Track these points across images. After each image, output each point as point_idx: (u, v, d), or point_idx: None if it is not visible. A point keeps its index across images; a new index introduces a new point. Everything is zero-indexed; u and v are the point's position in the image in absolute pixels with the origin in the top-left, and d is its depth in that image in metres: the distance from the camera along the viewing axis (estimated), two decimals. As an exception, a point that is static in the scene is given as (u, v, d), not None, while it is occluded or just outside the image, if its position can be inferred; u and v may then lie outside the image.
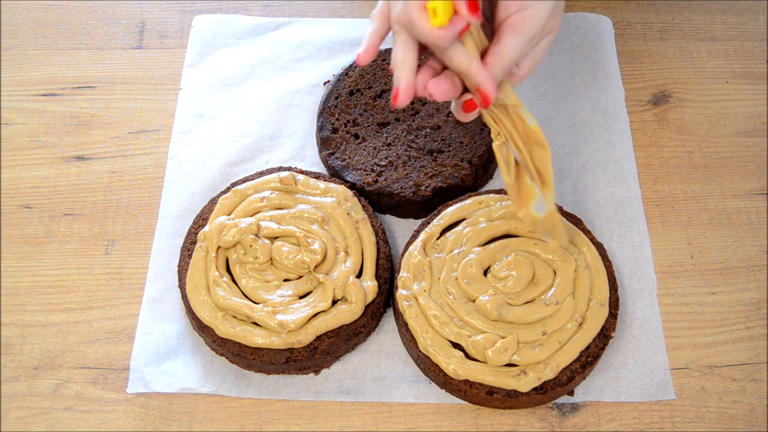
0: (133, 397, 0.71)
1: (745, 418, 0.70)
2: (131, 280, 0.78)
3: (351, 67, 0.86)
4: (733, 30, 0.94)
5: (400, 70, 0.58)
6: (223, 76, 0.90)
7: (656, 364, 0.72)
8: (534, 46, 0.61)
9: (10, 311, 0.76)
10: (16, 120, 0.87)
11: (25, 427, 0.70)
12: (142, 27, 0.94)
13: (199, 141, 0.86)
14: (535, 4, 0.58)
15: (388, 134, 0.81)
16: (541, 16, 0.58)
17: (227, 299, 0.70)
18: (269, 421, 0.70)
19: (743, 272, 0.78)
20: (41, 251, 0.79)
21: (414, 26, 0.52)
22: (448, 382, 0.69)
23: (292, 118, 0.87)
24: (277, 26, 0.94)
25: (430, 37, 0.52)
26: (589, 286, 0.71)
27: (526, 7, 0.58)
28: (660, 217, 0.81)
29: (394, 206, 0.79)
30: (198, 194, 0.82)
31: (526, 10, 0.58)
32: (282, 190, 0.76)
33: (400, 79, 0.58)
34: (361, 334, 0.71)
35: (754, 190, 0.83)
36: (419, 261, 0.72)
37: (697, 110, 0.88)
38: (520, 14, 0.58)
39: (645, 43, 0.93)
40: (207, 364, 0.73)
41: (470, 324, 0.69)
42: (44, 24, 0.95)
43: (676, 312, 0.75)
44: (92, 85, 0.90)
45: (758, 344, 0.74)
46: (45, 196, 0.82)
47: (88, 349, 0.74)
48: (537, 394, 0.67)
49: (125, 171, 0.84)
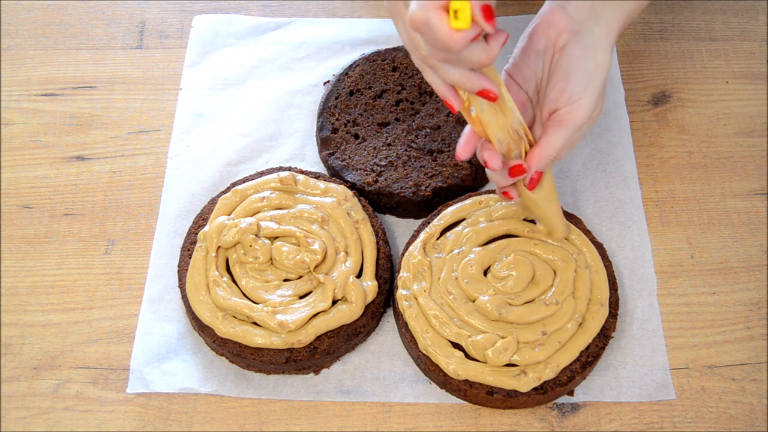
0: (133, 397, 0.71)
1: (745, 418, 0.70)
2: (131, 280, 0.78)
3: (351, 67, 0.86)
4: (733, 30, 0.94)
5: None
6: (223, 76, 0.90)
7: (656, 364, 0.72)
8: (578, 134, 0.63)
9: (10, 311, 0.76)
10: (16, 120, 0.87)
11: (25, 427, 0.70)
12: (142, 27, 0.94)
13: (199, 141, 0.86)
14: (582, 99, 0.61)
15: (388, 134, 0.81)
16: (587, 110, 0.61)
17: (227, 299, 0.70)
18: (269, 421, 0.70)
19: (743, 272, 0.77)
20: (41, 251, 0.79)
21: (431, 28, 0.49)
22: (448, 382, 0.69)
23: (292, 118, 0.87)
24: (277, 26, 0.94)
25: (446, 39, 0.49)
26: (589, 286, 0.71)
27: (573, 101, 0.61)
28: (660, 217, 0.81)
29: (394, 206, 0.79)
30: (198, 194, 0.82)
31: (574, 104, 0.61)
32: (282, 190, 0.76)
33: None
34: (361, 334, 0.71)
35: (754, 190, 0.83)
36: (419, 261, 0.72)
37: (697, 110, 0.88)
38: (568, 108, 0.61)
39: (645, 43, 0.93)
40: (207, 364, 0.73)
41: (470, 324, 0.69)
42: (44, 24, 0.95)
43: (676, 312, 0.75)
44: (92, 85, 0.90)
45: (758, 344, 0.74)
46: (45, 196, 0.82)
47: (88, 349, 0.74)
48: (537, 394, 0.67)
49: (125, 171, 0.84)
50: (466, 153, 0.63)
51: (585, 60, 0.60)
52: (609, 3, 0.62)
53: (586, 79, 0.60)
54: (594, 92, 0.61)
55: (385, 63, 0.86)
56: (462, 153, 0.63)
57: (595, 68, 0.61)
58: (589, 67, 0.60)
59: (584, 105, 0.61)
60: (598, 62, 0.61)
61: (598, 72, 0.61)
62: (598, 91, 0.61)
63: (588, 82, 0.61)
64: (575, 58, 0.60)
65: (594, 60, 0.60)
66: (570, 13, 0.61)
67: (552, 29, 0.61)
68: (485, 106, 0.58)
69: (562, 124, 0.61)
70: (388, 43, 0.91)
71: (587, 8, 0.61)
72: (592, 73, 0.61)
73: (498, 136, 0.60)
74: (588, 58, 0.60)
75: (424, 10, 0.48)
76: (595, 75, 0.61)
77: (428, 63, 0.55)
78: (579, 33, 0.61)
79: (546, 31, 0.62)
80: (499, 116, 0.59)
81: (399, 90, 0.84)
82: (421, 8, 0.48)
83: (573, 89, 0.60)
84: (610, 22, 0.62)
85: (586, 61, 0.60)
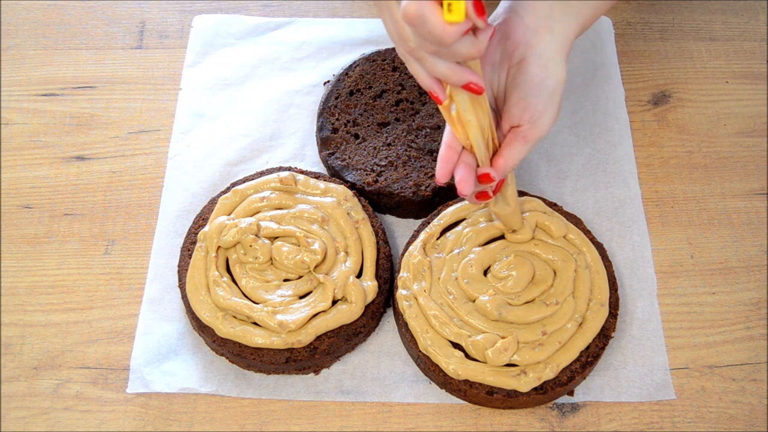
0: (133, 397, 0.71)
1: (745, 418, 0.70)
2: (131, 280, 0.78)
3: (351, 67, 0.86)
4: (733, 30, 0.94)
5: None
6: (223, 76, 0.90)
7: (656, 364, 0.72)
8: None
9: (10, 311, 0.76)
10: (16, 120, 0.87)
11: (25, 427, 0.70)
12: (142, 27, 0.94)
13: (199, 141, 0.86)
14: (544, 116, 0.61)
15: (388, 134, 0.81)
16: (549, 125, 0.63)
17: (227, 299, 0.70)
18: (269, 421, 0.70)
19: (743, 272, 0.78)
20: (41, 251, 0.79)
21: (425, 20, 0.49)
22: (448, 382, 0.69)
23: (292, 118, 0.87)
24: (277, 26, 0.94)
25: (439, 32, 0.49)
26: (589, 286, 0.71)
27: (536, 119, 0.61)
28: (660, 217, 0.81)
29: (394, 206, 0.79)
30: (198, 194, 0.82)
31: (536, 122, 0.62)
32: (282, 190, 0.76)
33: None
34: (361, 334, 0.71)
35: (754, 190, 0.83)
36: (419, 261, 0.72)
37: (697, 110, 0.88)
38: (531, 125, 0.62)
39: (645, 43, 0.93)
40: (207, 364, 0.73)
41: (470, 324, 0.69)
42: (44, 24, 0.95)
43: (676, 312, 0.75)
44: (92, 85, 0.90)
45: (758, 344, 0.74)
46: (45, 196, 0.82)
47: (88, 349, 0.74)
48: (537, 394, 0.67)
49: (125, 171, 0.84)
50: (444, 176, 0.63)
51: (545, 78, 0.60)
52: (567, 8, 0.61)
53: (546, 96, 0.61)
54: (555, 108, 0.62)
55: (385, 63, 0.86)
56: (441, 177, 0.63)
57: (555, 85, 0.61)
58: (549, 85, 0.61)
59: (546, 121, 0.62)
60: (557, 79, 0.61)
61: (557, 88, 0.61)
62: (558, 105, 0.62)
63: (549, 99, 0.61)
64: (535, 76, 0.60)
65: (554, 77, 0.61)
66: (526, 22, 0.60)
67: (508, 41, 0.61)
68: (467, 104, 0.58)
69: (527, 140, 0.62)
70: (388, 43, 0.91)
71: (544, 15, 0.61)
72: (553, 90, 0.61)
73: (477, 138, 0.60)
74: (547, 75, 0.60)
75: (418, 2, 0.49)
76: (555, 91, 0.61)
77: (415, 55, 0.55)
78: (536, 46, 0.60)
79: (501, 43, 0.61)
80: (479, 114, 0.59)
81: (399, 90, 0.84)
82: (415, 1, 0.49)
83: (535, 108, 0.61)
84: (566, 32, 0.61)
85: (546, 78, 0.60)
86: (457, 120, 0.59)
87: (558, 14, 0.61)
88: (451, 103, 0.58)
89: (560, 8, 0.61)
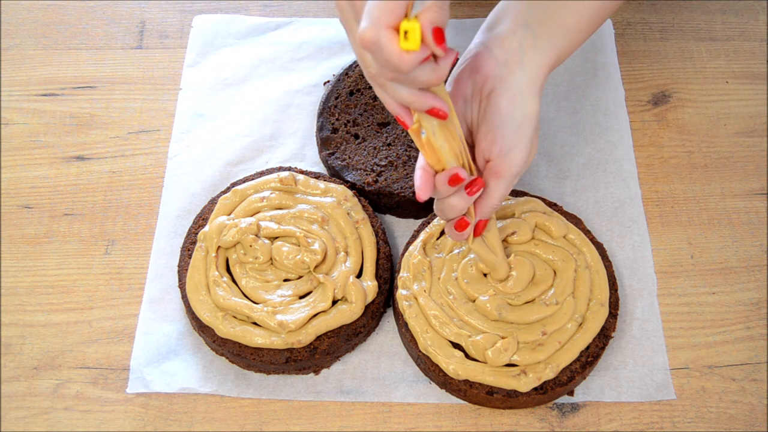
0: (133, 397, 0.71)
1: (745, 418, 0.70)
2: (131, 280, 0.78)
3: (351, 67, 0.86)
4: (733, 30, 0.94)
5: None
6: (223, 76, 0.90)
7: (656, 364, 0.72)
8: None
9: (10, 311, 0.76)
10: (16, 120, 0.87)
11: (25, 427, 0.70)
12: (142, 27, 0.94)
13: (199, 141, 0.86)
14: (513, 150, 0.59)
15: (388, 134, 0.81)
16: (519, 160, 0.60)
17: (227, 299, 0.70)
18: (269, 421, 0.70)
19: (743, 272, 0.78)
20: (41, 251, 0.79)
21: (381, 47, 0.47)
22: (448, 382, 0.69)
23: (292, 118, 0.87)
24: (277, 26, 0.94)
25: (396, 60, 0.47)
26: (589, 286, 0.71)
27: (505, 153, 0.59)
28: (660, 217, 0.81)
29: (394, 206, 0.79)
30: (198, 194, 0.82)
31: (506, 155, 0.59)
32: (282, 190, 0.76)
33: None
34: (361, 334, 0.71)
35: (754, 190, 0.83)
36: (419, 261, 0.72)
37: (697, 110, 0.88)
38: (501, 160, 0.59)
39: (645, 43, 0.93)
40: (207, 364, 0.73)
41: (470, 324, 0.69)
42: (44, 24, 0.95)
43: (676, 312, 0.75)
44: (92, 85, 0.90)
45: (758, 344, 0.74)
46: (45, 196, 0.82)
47: (88, 349, 0.74)
48: (537, 394, 0.67)
49: (125, 171, 0.84)
50: (426, 193, 0.59)
51: (513, 110, 0.58)
52: (539, 42, 0.59)
53: (514, 130, 0.59)
54: (525, 142, 0.60)
55: (385, 63, 0.86)
56: (422, 194, 0.59)
57: (523, 118, 0.59)
58: (517, 118, 0.59)
59: (516, 156, 0.60)
60: (526, 112, 0.59)
61: (526, 121, 0.59)
62: (529, 140, 0.60)
63: (517, 132, 0.59)
64: (503, 108, 0.58)
65: (522, 110, 0.59)
66: (496, 56, 0.59)
67: (478, 75, 0.59)
68: (436, 129, 0.55)
69: (499, 176, 0.60)
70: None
71: (515, 49, 0.59)
72: (521, 123, 0.59)
73: (451, 164, 0.58)
74: (516, 107, 0.58)
75: (374, 29, 0.46)
76: (524, 125, 0.59)
77: (377, 81, 0.53)
78: (505, 80, 0.58)
79: (472, 77, 0.60)
80: (450, 140, 0.57)
81: (399, 90, 0.84)
82: (372, 27, 0.46)
83: (503, 141, 0.59)
84: (538, 66, 0.59)
85: (514, 111, 0.58)
86: (428, 145, 0.57)
87: (529, 48, 0.59)
88: (420, 128, 0.56)
89: (531, 42, 0.59)
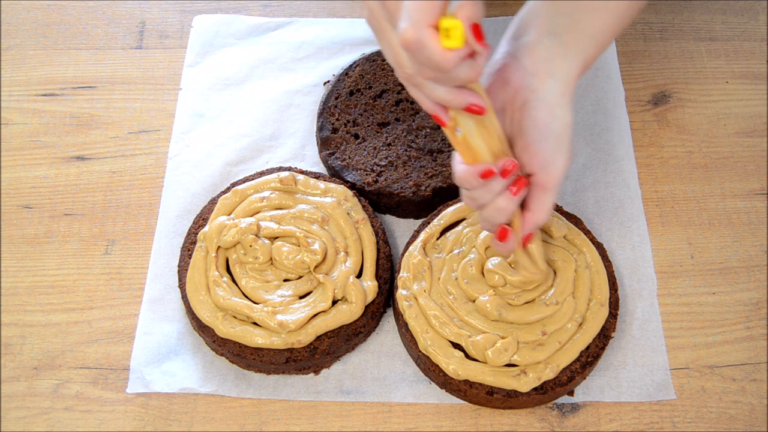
0: (133, 397, 0.71)
1: (745, 418, 0.70)
2: (131, 280, 0.78)
3: (351, 67, 0.86)
4: (733, 30, 0.94)
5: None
6: (223, 76, 0.90)
7: (656, 364, 0.72)
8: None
9: (10, 311, 0.76)
10: (16, 120, 0.87)
11: (25, 427, 0.70)
12: (142, 27, 0.94)
13: (199, 141, 0.86)
14: (556, 161, 0.59)
15: (388, 134, 0.81)
16: (563, 169, 0.59)
17: (227, 299, 0.70)
18: (269, 421, 0.70)
19: (743, 272, 0.78)
20: (41, 251, 0.79)
21: (423, 46, 0.47)
22: (448, 382, 0.69)
23: (292, 118, 0.87)
24: (277, 26, 0.94)
25: (438, 58, 0.47)
26: (589, 286, 0.71)
27: (548, 164, 0.59)
28: (660, 217, 0.81)
29: (394, 206, 0.79)
30: (198, 194, 0.82)
31: (549, 167, 0.59)
32: (282, 190, 0.76)
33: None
34: (361, 334, 0.71)
35: (754, 190, 0.83)
36: (419, 261, 0.72)
37: (697, 110, 0.88)
38: (545, 172, 0.59)
39: (645, 43, 0.93)
40: (207, 364, 0.73)
41: (470, 324, 0.69)
42: (44, 24, 0.95)
43: (676, 312, 0.75)
44: (92, 85, 0.90)
45: (758, 344, 0.74)
46: (45, 196, 0.82)
47: (88, 349, 0.74)
48: (537, 394, 0.67)
49: (125, 171, 0.84)
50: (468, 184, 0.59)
51: (551, 122, 0.58)
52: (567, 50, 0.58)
53: (554, 141, 0.58)
54: (565, 151, 0.59)
55: (385, 63, 0.86)
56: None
57: (560, 129, 0.58)
58: (554, 129, 0.58)
59: (559, 167, 0.59)
60: (563, 122, 0.58)
61: (564, 132, 0.59)
62: (568, 148, 0.60)
63: (556, 144, 0.59)
64: (540, 121, 0.58)
65: (559, 121, 0.58)
66: (525, 66, 0.58)
67: (508, 86, 0.59)
68: (473, 128, 0.55)
69: (546, 188, 0.60)
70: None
71: (543, 59, 0.58)
72: (559, 134, 0.59)
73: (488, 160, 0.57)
74: (553, 119, 0.58)
75: (416, 28, 0.46)
76: (562, 135, 0.59)
77: (413, 81, 0.53)
78: (538, 91, 0.58)
79: (502, 89, 0.59)
80: (486, 136, 0.56)
81: (399, 90, 0.84)
82: (413, 27, 0.46)
83: (545, 154, 0.59)
84: (567, 75, 0.58)
85: (551, 123, 0.58)
86: (464, 144, 0.57)
87: (558, 57, 0.58)
88: (455, 126, 0.56)
89: (560, 51, 0.58)
